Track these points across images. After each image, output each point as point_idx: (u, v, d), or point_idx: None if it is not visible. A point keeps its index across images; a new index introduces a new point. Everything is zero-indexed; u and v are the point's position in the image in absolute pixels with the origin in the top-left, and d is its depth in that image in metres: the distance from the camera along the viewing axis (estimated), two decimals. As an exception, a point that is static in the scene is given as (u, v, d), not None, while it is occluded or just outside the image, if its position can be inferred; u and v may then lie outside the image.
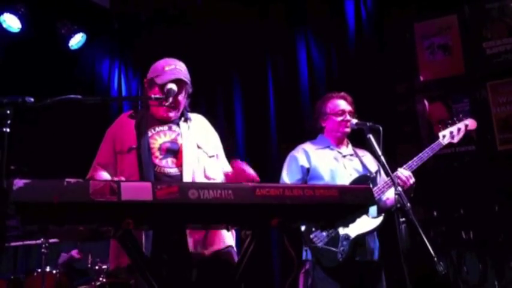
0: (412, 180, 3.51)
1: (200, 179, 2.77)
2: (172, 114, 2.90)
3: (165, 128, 2.88)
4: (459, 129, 3.77)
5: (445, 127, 3.80)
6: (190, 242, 2.64)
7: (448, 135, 3.75)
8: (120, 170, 2.78)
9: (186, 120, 2.95)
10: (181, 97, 2.91)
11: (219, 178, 2.87)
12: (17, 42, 5.85)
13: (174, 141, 2.83)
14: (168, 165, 2.75)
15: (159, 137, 2.83)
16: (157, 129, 2.86)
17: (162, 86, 2.84)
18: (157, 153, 2.76)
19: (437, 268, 2.84)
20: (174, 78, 2.85)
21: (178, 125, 2.91)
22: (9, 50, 5.78)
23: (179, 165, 2.75)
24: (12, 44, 5.83)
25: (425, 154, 3.65)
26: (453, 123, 3.80)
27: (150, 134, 2.82)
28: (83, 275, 5.38)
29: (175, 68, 2.90)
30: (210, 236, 2.71)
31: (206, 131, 3.04)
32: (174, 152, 2.79)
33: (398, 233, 3.04)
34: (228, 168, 2.91)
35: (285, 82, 5.90)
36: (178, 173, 2.73)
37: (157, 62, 2.98)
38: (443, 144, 3.73)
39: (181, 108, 2.94)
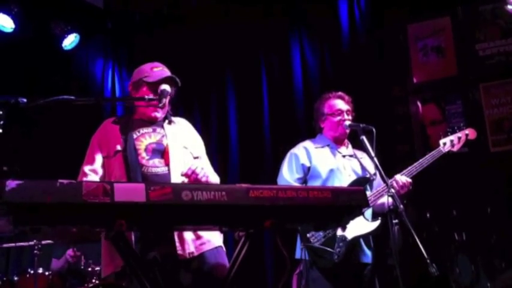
0: (404, 190, 3.48)
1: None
2: (159, 115, 2.94)
3: (150, 130, 2.90)
4: (459, 138, 3.80)
5: (445, 135, 3.82)
6: (178, 243, 2.64)
7: (449, 143, 3.77)
8: (108, 174, 2.79)
9: (170, 122, 2.99)
10: (168, 99, 2.94)
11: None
12: (10, 43, 5.82)
13: (159, 142, 2.85)
14: (155, 165, 2.76)
15: (145, 139, 2.85)
16: (141, 131, 2.88)
17: (152, 85, 2.88)
18: (143, 154, 2.78)
19: (430, 269, 2.85)
20: (167, 76, 2.90)
21: (162, 127, 2.94)
22: (2, 50, 5.75)
23: (165, 165, 2.77)
24: (5, 44, 5.80)
25: (426, 161, 3.65)
26: (454, 132, 3.83)
27: (135, 136, 2.84)
28: (76, 275, 5.35)
29: (163, 70, 2.97)
30: (199, 238, 2.72)
31: (190, 132, 3.08)
32: (161, 152, 2.81)
33: (391, 234, 3.05)
34: (210, 171, 2.92)
35: (279, 82, 5.90)
36: (166, 172, 2.75)
37: (142, 66, 3.05)
38: (444, 151, 3.74)
39: (166, 110, 2.97)
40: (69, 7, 6.10)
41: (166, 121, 2.98)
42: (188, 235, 2.69)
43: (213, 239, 2.79)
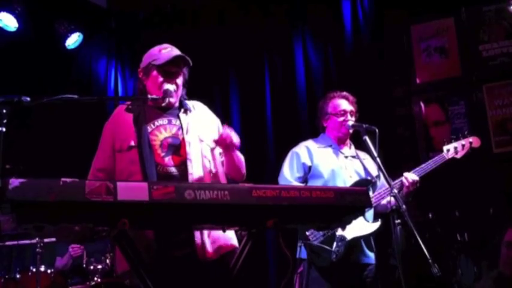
0: (412, 188, 3.52)
1: (205, 175, 2.72)
2: (173, 100, 2.82)
3: (165, 121, 2.79)
4: (463, 146, 3.80)
5: (449, 142, 3.82)
6: (199, 245, 2.59)
7: (452, 150, 3.78)
8: (120, 169, 2.70)
9: (185, 111, 2.86)
10: (180, 80, 2.86)
11: (220, 170, 2.85)
12: (13, 42, 5.84)
13: (175, 136, 2.75)
14: (170, 163, 2.67)
15: (160, 133, 2.74)
16: (156, 123, 2.77)
17: (161, 68, 2.80)
18: (159, 151, 2.68)
19: (432, 270, 2.84)
20: (175, 55, 2.81)
21: (178, 116, 2.83)
22: (6, 49, 5.77)
23: (181, 162, 2.68)
24: (8, 43, 5.82)
25: (429, 166, 3.67)
26: (458, 139, 3.83)
27: (149, 129, 2.73)
28: (79, 273, 5.37)
29: (172, 50, 2.87)
30: (217, 240, 2.66)
31: (206, 119, 2.96)
32: (177, 147, 2.71)
33: (394, 234, 3.05)
34: None
35: (282, 82, 5.91)
36: (182, 170, 2.67)
37: (150, 50, 2.94)
38: (447, 158, 3.75)
39: (180, 92, 2.87)
40: (73, 6, 6.12)
41: (182, 110, 2.86)
42: (207, 238, 2.63)
43: (231, 239, 2.73)
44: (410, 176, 3.52)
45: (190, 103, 2.96)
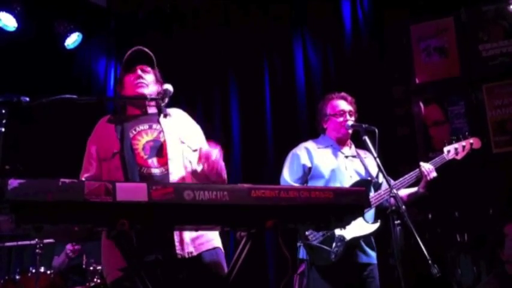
0: (433, 174, 3.57)
1: (187, 174, 2.75)
2: (146, 91, 2.89)
3: (146, 127, 2.84)
4: (464, 147, 3.78)
5: (450, 143, 3.82)
6: (178, 243, 2.61)
7: (453, 151, 3.77)
8: (106, 178, 2.73)
9: (165, 116, 2.92)
10: (150, 78, 2.93)
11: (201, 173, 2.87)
12: (12, 41, 5.84)
13: (156, 139, 2.79)
14: (154, 164, 2.70)
15: (141, 137, 2.79)
16: (138, 129, 2.82)
17: (126, 67, 2.91)
18: (142, 154, 2.72)
19: (432, 270, 2.84)
20: (134, 49, 2.91)
21: (158, 121, 2.88)
22: (5, 49, 5.76)
23: (164, 163, 2.72)
24: (8, 43, 5.81)
25: None
26: (458, 140, 3.82)
27: (131, 135, 2.78)
28: (78, 274, 5.36)
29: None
30: (198, 237, 2.69)
31: (187, 124, 3.01)
32: (158, 149, 2.75)
33: (393, 235, 3.04)
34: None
35: (281, 82, 5.91)
36: (165, 172, 2.69)
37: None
38: (447, 159, 3.74)
39: (151, 90, 2.92)
40: (72, 6, 6.12)
41: (162, 115, 2.92)
42: (187, 235, 2.65)
43: (212, 240, 2.76)
44: (427, 166, 3.57)
45: (170, 110, 3.00)
